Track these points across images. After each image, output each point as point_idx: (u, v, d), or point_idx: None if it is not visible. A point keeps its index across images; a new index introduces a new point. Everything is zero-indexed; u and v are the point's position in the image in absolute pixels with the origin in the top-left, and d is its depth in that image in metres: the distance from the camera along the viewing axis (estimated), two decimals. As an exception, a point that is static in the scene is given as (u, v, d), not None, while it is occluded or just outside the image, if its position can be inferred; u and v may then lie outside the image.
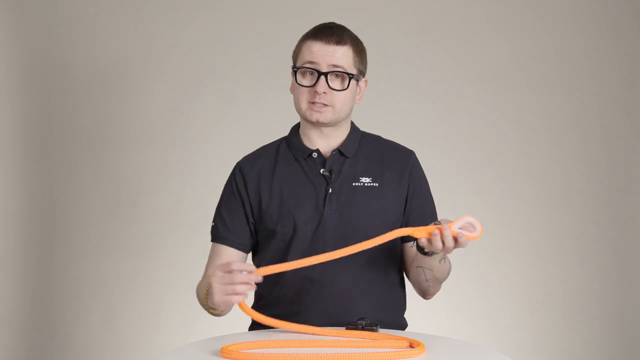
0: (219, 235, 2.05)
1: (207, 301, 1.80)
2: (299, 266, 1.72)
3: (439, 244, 1.71)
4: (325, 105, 1.95)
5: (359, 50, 2.00)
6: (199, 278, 1.99)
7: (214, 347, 1.64)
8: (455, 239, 1.72)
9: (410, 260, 2.02)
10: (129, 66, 3.31)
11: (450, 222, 1.73)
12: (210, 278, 1.75)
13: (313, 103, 1.96)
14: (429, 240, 1.73)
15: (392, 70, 3.34)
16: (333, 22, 2.02)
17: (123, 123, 3.32)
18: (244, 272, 1.69)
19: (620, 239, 3.49)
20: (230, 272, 1.69)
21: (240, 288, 1.68)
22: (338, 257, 1.69)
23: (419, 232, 1.73)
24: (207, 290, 1.78)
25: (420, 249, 1.84)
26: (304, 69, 1.96)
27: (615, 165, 3.48)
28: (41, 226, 3.30)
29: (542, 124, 3.45)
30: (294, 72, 1.98)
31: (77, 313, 3.30)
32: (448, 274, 2.01)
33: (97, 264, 3.29)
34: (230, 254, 2.04)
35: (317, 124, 1.99)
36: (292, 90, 2.02)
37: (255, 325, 2.07)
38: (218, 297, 1.72)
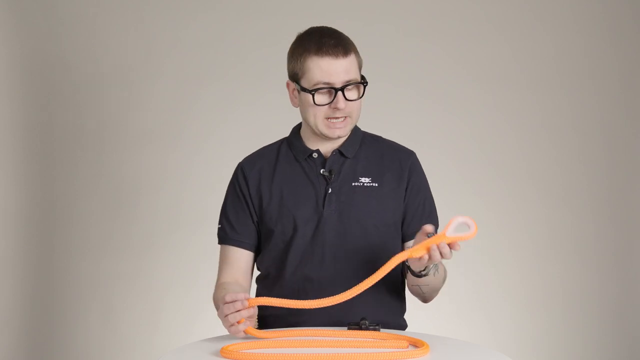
0: (226, 236, 2.05)
1: None
2: (290, 305, 1.71)
3: (438, 257, 1.68)
4: (344, 118, 1.94)
5: (358, 53, 1.98)
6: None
7: (214, 347, 1.64)
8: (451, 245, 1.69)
9: (405, 278, 2.02)
10: (129, 66, 3.31)
11: (443, 231, 1.67)
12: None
13: (330, 118, 1.94)
14: (429, 255, 1.69)
15: (392, 70, 3.34)
16: (325, 27, 1.98)
17: (123, 123, 3.32)
18: (237, 302, 1.70)
19: (620, 239, 3.49)
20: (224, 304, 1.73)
21: (232, 320, 1.70)
22: (341, 301, 1.67)
23: (417, 252, 1.67)
24: None
25: (412, 271, 1.83)
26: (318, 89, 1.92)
27: (615, 165, 3.48)
28: (41, 226, 3.30)
29: (542, 124, 3.45)
30: (310, 93, 1.91)
31: (77, 313, 3.30)
32: (444, 280, 2.01)
33: (97, 264, 3.29)
34: (239, 255, 2.04)
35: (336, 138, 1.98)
36: (295, 103, 2.00)
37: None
38: (230, 331, 1.75)
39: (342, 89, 1.91)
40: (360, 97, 1.95)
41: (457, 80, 3.42)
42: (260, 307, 2.04)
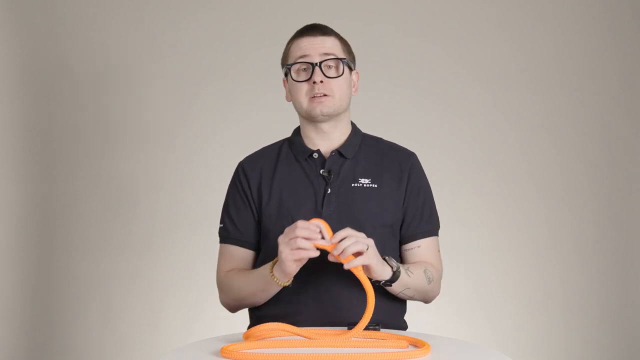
0: (228, 236, 2.05)
1: (273, 269, 1.84)
2: (292, 332, 1.71)
3: (361, 246, 1.73)
4: (325, 95, 1.97)
5: (345, 42, 2.04)
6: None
7: (214, 347, 1.64)
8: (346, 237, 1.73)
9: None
10: (129, 66, 3.31)
11: (330, 243, 1.74)
12: (278, 240, 1.79)
13: (313, 97, 1.97)
14: (368, 264, 1.75)
15: (392, 70, 3.34)
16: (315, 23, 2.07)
17: (123, 123, 3.32)
18: (318, 231, 1.74)
19: (620, 239, 3.49)
20: (294, 229, 1.74)
21: (301, 244, 1.73)
22: (354, 334, 1.69)
23: (352, 263, 1.73)
24: (275, 261, 1.83)
25: (382, 282, 1.85)
26: (297, 66, 1.98)
27: (615, 165, 3.48)
28: (41, 226, 3.30)
29: (542, 124, 3.45)
30: (289, 72, 2.00)
31: (77, 313, 3.30)
32: (430, 280, 1.99)
33: (97, 264, 3.29)
34: (241, 253, 2.04)
35: (320, 118, 1.99)
36: (289, 97, 2.05)
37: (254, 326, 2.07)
38: (285, 254, 1.76)
39: (319, 64, 1.95)
40: (341, 75, 1.98)
41: (457, 80, 3.42)
42: (257, 309, 2.04)
